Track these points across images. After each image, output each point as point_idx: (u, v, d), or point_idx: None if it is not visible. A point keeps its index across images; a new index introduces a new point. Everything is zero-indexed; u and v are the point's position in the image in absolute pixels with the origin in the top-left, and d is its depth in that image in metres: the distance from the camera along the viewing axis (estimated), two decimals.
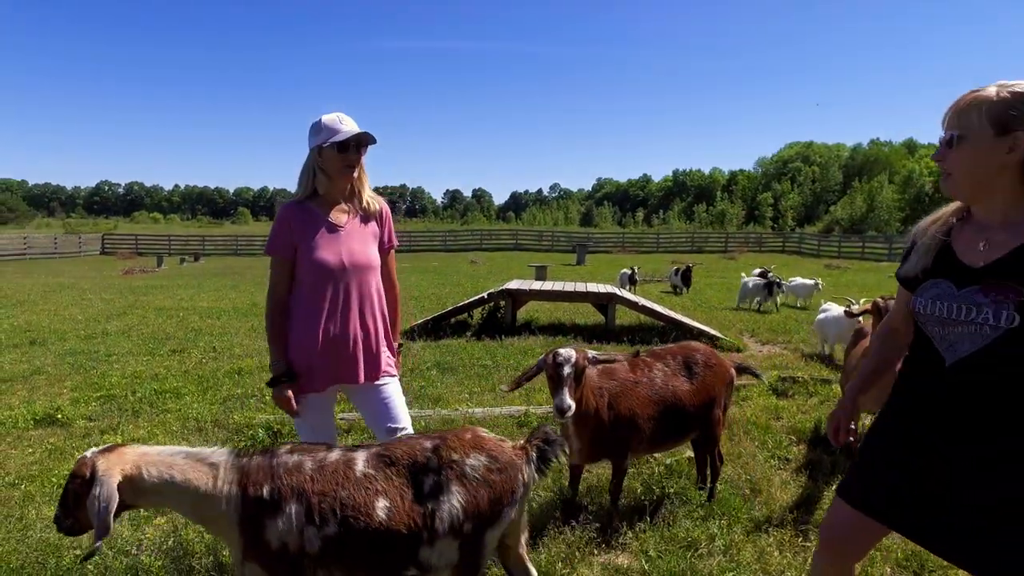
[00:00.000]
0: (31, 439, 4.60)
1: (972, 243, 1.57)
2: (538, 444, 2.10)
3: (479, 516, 1.93)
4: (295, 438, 4.40)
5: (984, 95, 1.50)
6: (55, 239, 39.88)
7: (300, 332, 2.53)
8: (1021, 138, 1.45)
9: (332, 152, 2.46)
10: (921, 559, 2.66)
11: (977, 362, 1.52)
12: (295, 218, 2.55)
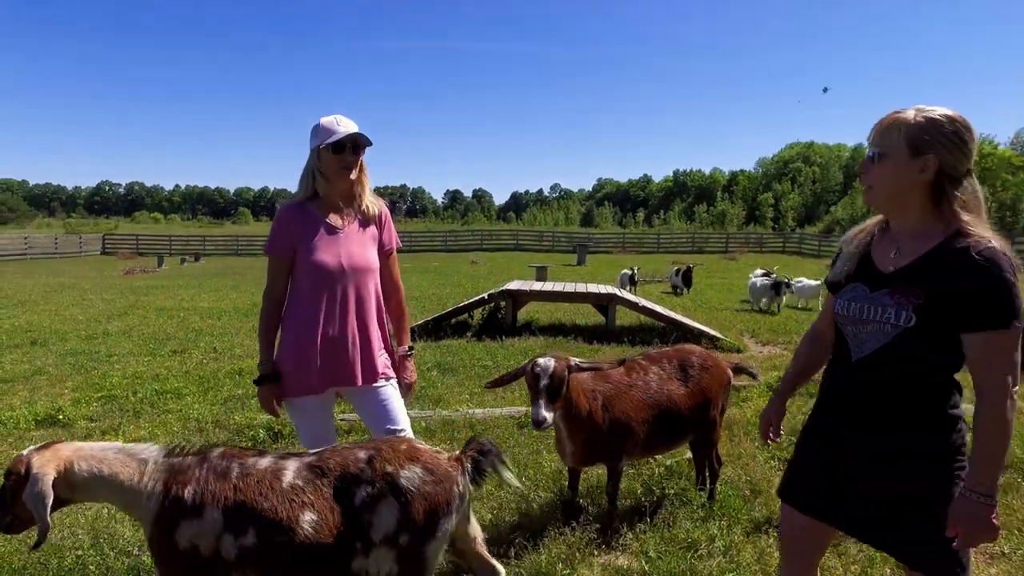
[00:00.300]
0: (33, 439, 4.60)
1: (887, 251, 1.71)
2: (473, 455, 2.10)
3: (415, 528, 1.92)
4: (296, 439, 4.41)
5: (903, 117, 1.63)
6: (56, 239, 39.92)
7: (299, 333, 2.55)
8: (931, 161, 1.59)
9: (328, 154, 2.47)
10: None
11: (879, 359, 1.66)
12: (295, 219, 2.57)
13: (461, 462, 2.08)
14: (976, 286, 1.52)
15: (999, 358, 1.52)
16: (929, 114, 1.61)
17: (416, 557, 1.93)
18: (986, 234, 1.56)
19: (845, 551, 2.81)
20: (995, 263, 1.51)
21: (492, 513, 3.11)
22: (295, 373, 2.57)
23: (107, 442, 2.02)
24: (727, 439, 4.12)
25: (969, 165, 1.63)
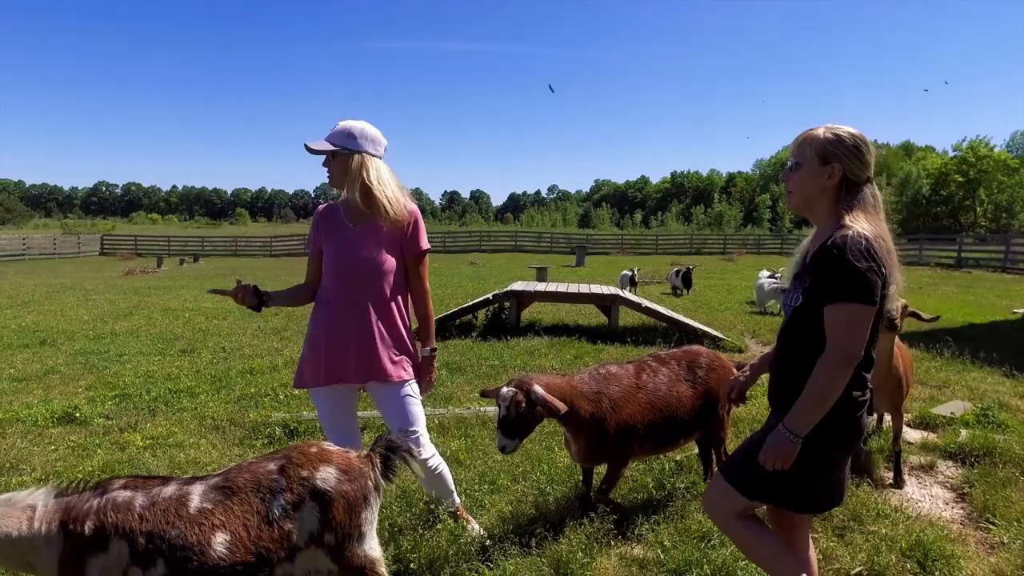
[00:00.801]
0: (51, 437, 4.69)
1: (810, 250, 2.01)
2: (381, 452, 2.18)
3: (339, 525, 1.98)
4: (313, 435, 4.51)
5: (815, 134, 1.99)
6: (54, 239, 39.90)
7: (311, 328, 2.74)
8: (836, 169, 1.94)
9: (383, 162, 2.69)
10: (925, 548, 2.77)
11: (784, 337, 2.06)
12: (323, 219, 2.75)
13: (371, 459, 2.15)
14: (827, 266, 1.85)
15: (836, 328, 1.84)
16: (835, 131, 1.96)
17: (346, 552, 2.01)
18: (857, 226, 1.85)
19: (851, 541, 2.92)
20: (841, 249, 1.81)
21: (511, 506, 3.21)
22: (305, 365, 2.73)
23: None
24: (734, 435, 4.22)
25: (868, 173, 1.98)
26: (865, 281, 1.80)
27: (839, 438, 1.94)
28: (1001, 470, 3.65)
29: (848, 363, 1.82)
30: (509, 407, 2.75)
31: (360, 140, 2.63)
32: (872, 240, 1.83)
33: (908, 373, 3.79)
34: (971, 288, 16.95)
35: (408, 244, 2.74)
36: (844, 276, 1.81)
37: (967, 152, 50.81)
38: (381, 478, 2.15)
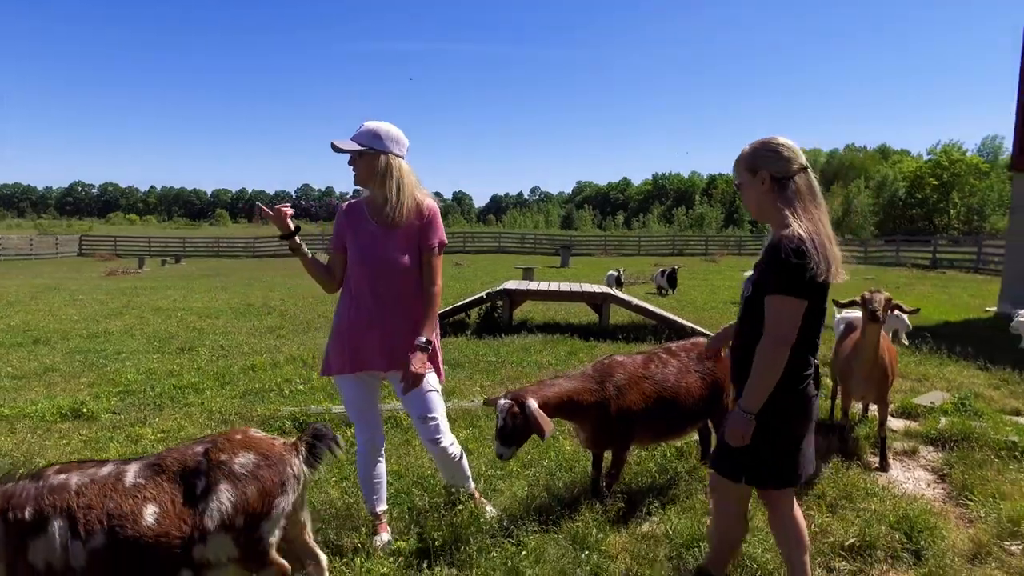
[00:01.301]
0: (61, 431, 4.75)
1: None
2: (308, 440, 2.26)
3: (249, 510, 2.04)
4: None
5: (742, 153, 2.28)
6: (31, 240, 39.22)
7: (336, 319, 2.91)
8: (764, 174, 2.20)
9: (406, 162, 2.82)
10: (911, 521, 2.99)
11: (740, 326, 2.32)
12: (347, 215, 2.91)
13: (296, 447, 2.23)
14: (768, 263, 2.12)
15: (773, 317, 2.10)
16: (753, 144, 2.25)
17: (253, 537, 2.07)
18: (795, 227, 2.10)
19: (843, 516, 3.13)
20: (778, 248, 2.08)
21: (525, 490, 3.37)
22: (331, 354, 2.89)
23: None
24: None
25: (793, 167, 2.19)
26: (797, 277, 2.05)
27: (790, 411, 2.18)
28: (978, 453, 3.90)
29: (782, 346, 2.08)
30: (506, 418, 2.92)
31: (386, 141, 2.78)
32: (806, 240, 2.06)
33: (893, 364, 4.02)
34: (946, 288, 17.45)
35: (424, 238, 2.87)
36: (780, 272, 2.07)
37: (941, 156, 52.05)
38: (305, 466, 2.22)
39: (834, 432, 4.33)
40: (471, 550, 2.65)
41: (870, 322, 3.72)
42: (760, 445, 2.16)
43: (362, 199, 2.93)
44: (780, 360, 2.08)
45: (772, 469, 2.22)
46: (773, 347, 2.08)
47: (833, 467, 3.70)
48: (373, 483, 3.00)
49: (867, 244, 35.64)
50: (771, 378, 2.09)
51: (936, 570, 2.66)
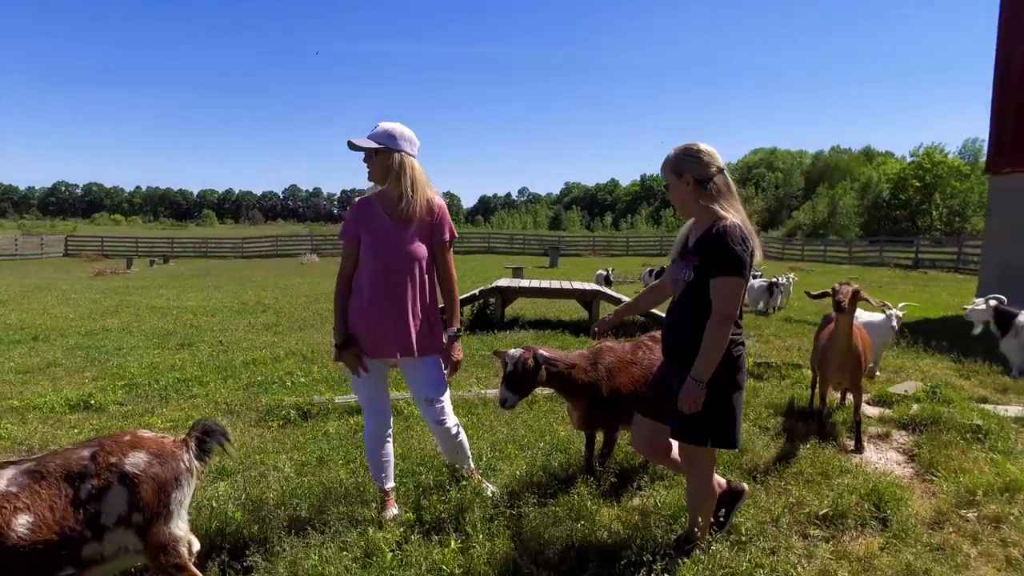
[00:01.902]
0: (71, 422, 4.91)
1: (690, 237, 2.63)
2: (197, 436, 2.36)
3: (147, 506, 2.14)
4: (327, 418, 4.83)
5: (667, 158, 2.61)
6: (16, 240, 38.87)
7: (353, 310, 3.06)
8: (687, 176, 2.54)
9: (416, 159, 3.01)
10: (879, 493, 3.24)
11: (680, 304, 2.62)
12: (362, 211, 3.07)
13: (187, 443, 2.33)
14: (714, 248, 2.43)
15: (720, 296, 2.43)
16: (676, 150, 2.59)
17: (155, 530, 2.17)
18: (728, 217, 2.46)
19: (818, 490, 3.37)
20: (723, 235, 2.42)
21: (522, 470, 3.59)
22: (355, 345, 3.05)
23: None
24: None
25: (712, 170, 2.53)
26: (740, 260, 2.41)
27: (733, 366, 2.53)
28: (945, 435, 4.16)
29: (729, 321, 2.43)
30: (517, 364, 3.14)
31: (400, 140, 2.97)
32: (742, 227, 2.44)
33: (866, 352, 4.28)
34: (927, 287, 17.86)
35: (436, 233, 3.07)
36: (725, 256, 2.41)
37: (923, 158, 52.85)
38: (196, 460, 2.32)
39: (813, 418, 4.59)
40: (475, 519, 2.86)
41: (837, 312, 3.98)
42: (716, 405, 2.48)
43: (374, 195, 3.10)
44: (728, 333, 2.43)
45: (727, 427, 2.54)
46: (723, 323, 2.42)
47: (811, 448, 3.94)
48: (382, 462, 3.19)
49: (851, 244, 36.25)
50: (720, 350, 2.42)
51: (900, 534, 2.91)
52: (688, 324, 2.53)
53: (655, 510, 3.10)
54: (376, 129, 3.00)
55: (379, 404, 3.19)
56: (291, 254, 37.73)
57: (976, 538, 2.94)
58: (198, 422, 2.43)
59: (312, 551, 2.62)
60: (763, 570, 2.54)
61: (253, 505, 3.18)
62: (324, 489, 3.34)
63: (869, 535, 2.96)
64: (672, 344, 2.68)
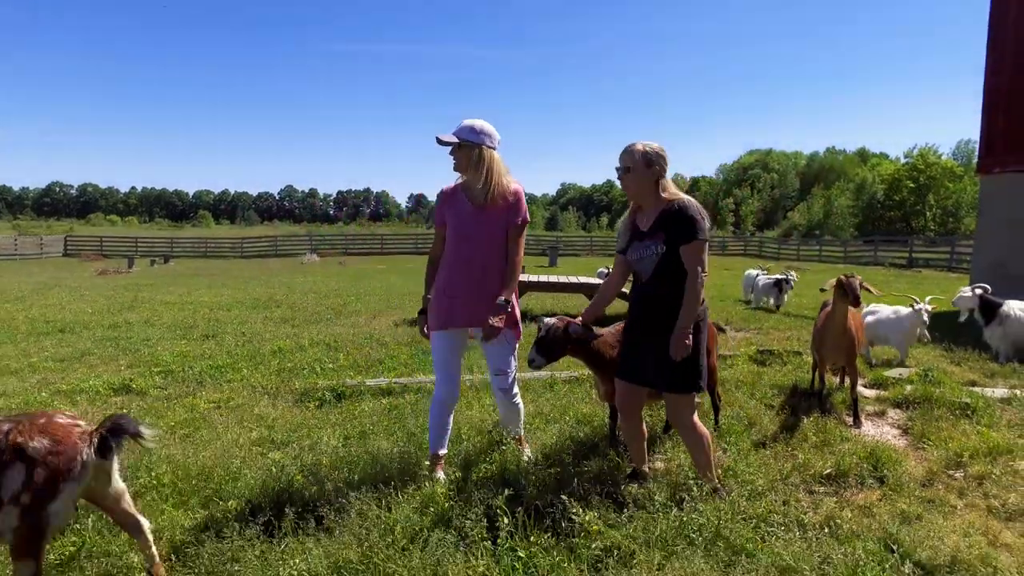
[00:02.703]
0: (117, 404, 5.20)
1: (642, 221, 3.14)
2: (102, 432, 2.42)
3: (37, 489, 2.26)
4: (361, 399, 5.14)
5: (636, 147, 3.07)
6: (15, 240, 39.02)
7: (438, 283, 3.48)
8: (656, 168, 3.06)
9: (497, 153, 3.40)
10: (877, 456, 3.59)
11: (655, 277, 3.05)
12: (448, 199, 3.49)
13: (91, 437, 2.40)
14: (680, 221, 2.96)
15: (692, 257, 2.94)
16: (650, 145, 3.07)
17: (36, 514, 2.28)
18: (682, 197, 3.06)
19: (822, 454, 3.71)
20: (685, 208, 2.98)
21: (554, 439, 3.93)
22: (430, 314, 3.49)
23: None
24: (724, 390, 5.02)
25: (667, 166, 3.10)
26: (703, 226, 2.97)
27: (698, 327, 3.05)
28: (935, 411, 4.52)
29: (702, 277, 2.95)
30: (549, 331, 3.45)
31: (480, 135, 3.34)
32: (697, 203, 3.04)
33: (859, 333, 4.64)
34: (920, 285, 18.25)
35: (511, 217, 3.41)
36: (691, 225, 2.95)
37: (917, 159, 53.38)
38: (95, 455, 2.39)
39: (814, 397, 4.94)
40: (517, 474, 3.20)
41: (854, 305, 4.34)
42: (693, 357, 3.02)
43: (459, 184, 3.49)
44: (702, 288, 2.97)
45: (695, 375, 3.07)
46: (700, 282, 2.95)
47: (814, 421, 4.28)
48: (442, 429, 3.55)
49: (847, 244, 36.84)
50: (698, 301, 2.95)
51: (896, 488, 3.27)
52: (663, 292, 3.02)
53: (680, 469, 3.42)
54: (460, 125, 3.39)
55: (451, 373, 3.56)
56: (291, 254, 37.97)
57: (962, 492, 3.30)
58: (110, 417, 2.49)
59: (375, 501, 2.94)
60: (778, 515, 2.89)
61: (309, 470, 3.50)
62: (371, 456, 3.65)
63: (868, 490, 3.32)
64: (645, 313, 3.12)
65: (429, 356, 6.66)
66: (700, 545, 2.55)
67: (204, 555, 2.65)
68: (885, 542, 2.68)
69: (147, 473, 3.46)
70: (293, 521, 2.85)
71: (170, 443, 4.08)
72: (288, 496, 3.19)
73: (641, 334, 3.15)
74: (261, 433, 4.33)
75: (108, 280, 20.06)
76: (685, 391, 3.07)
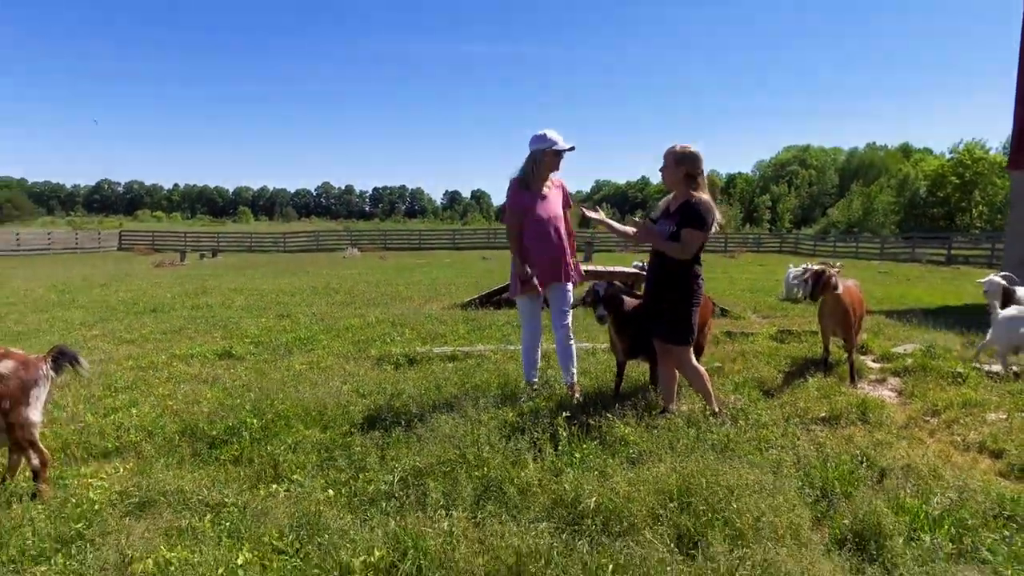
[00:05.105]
0: (223, 366, 6.16)
1: (672, 205, 4.02)
2: (54, 355, 3.33)
3: (14, 397, 3.12)
4: (431, 363, 6.00)
5: (672, 149, 3.94)
6: (76, 235, 41.37)
7: (530, 255, 4.52)
8: (682, 169, 3.89)
9: (552, 155, 4.39)
10: (866, 404, 4.31)
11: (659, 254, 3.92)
12: (518, 187, 4.56)
13: (45, 359, 3.30)
14: (690, 213, 3.81)
15: (685, 238, 3.80)
16: (684, 147, 3.92)
17: (17, 415, 3.14)
18: (701, 196, 3.84)
19: (820, 403, 4.44)
20: (697, 205, 3.81)
21: (595, 387, 4.75)
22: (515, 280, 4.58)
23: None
24: (744, 361, 5.79)
25: (699, 170, 3.92)
26: (704, 219, 3.80)
27: (692, 293, 3.92)
28: (928, 377, 5.21)
29: (683, 252, 3.81)
30: (607, 290, 4.40)
31: (531, 142, 4.45)
32: (710, 203, 3.83)
33: (855, 307, 5.33)
34: (955, 280, 18.54)
35: (565, 201, 4.69)
36: (695, 216, 3.80)
37: (963, 154, 51.92)
38: (52, 371, 3.30)
39: (820, 362, 5.66)
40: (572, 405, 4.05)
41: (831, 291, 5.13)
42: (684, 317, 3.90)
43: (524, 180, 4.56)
44: (678, 256, 3.83)
45: (691, 330, 3.97)
46: (679, 249, 3.82)
47: (817, 380, 5.02)
48: (533, 361, 4.74)
49: (884, 241, 36.58)
50: (668, 251, 3.84)
51: (877, 426, 4.03)
52: (668, 265, 3.90)
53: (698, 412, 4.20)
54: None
55: (536, 320, 4.73)
56: (331, 249, 39.41)
57: (933, 432, 4.04)
58: (55, 346, 3.42)
59: (462, 423, 3.81)
60: (775, 438, 3.66)
61: (403, 406, 4.39)
62: (446, 402, 4.51)
63: (855, 429, 4.06)
64: (655, 279, 4.07)
65: (485, 331, 7.61)
66: (713, 451, 3.35)
67: (338, 457, 3.55)
68: (857, 457, 3.43)
69: (273, 408, 4.38)
70: (399, 436, 3.74)
71: (288, 386, 5.03)
72: (391, 420, 4.09)
73: (652, 299, 4.07)
74: (352, 386, 5.24)
75: (167, 271, 21.55)
76: (677, 343, 3.98)
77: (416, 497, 3.00)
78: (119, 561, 2.46)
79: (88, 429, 4.08)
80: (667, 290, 3.95)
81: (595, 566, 2.33)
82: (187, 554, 2.51)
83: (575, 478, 3.01)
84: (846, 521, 2.69)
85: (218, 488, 3.17)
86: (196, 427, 4.07)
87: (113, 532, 2.72)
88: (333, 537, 2.60)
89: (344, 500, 3.06)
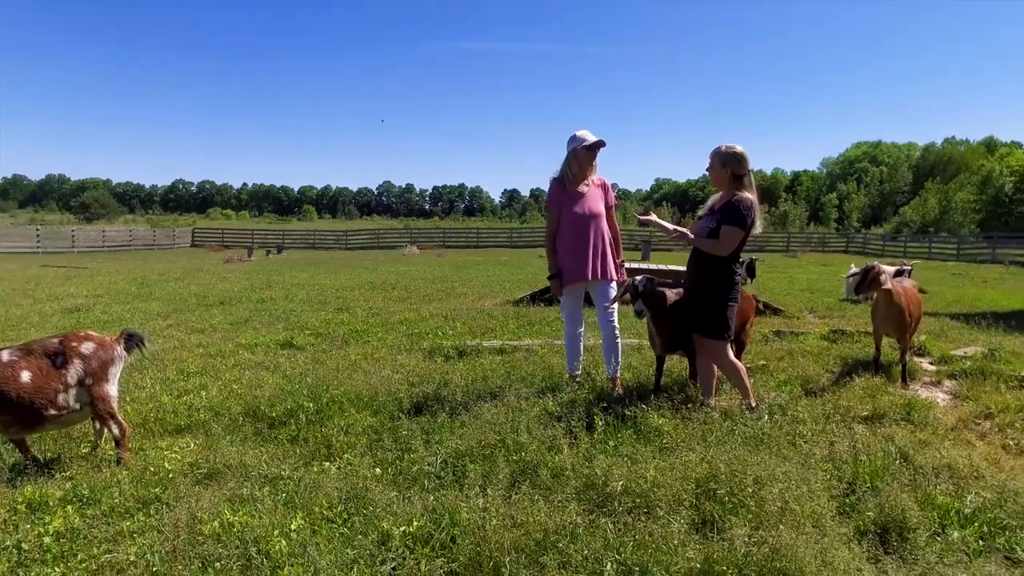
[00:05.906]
0: (285, 355, 6.55)
1: (717, 203, 4.12)
2: (124, 338, 3.66)
3: (95, 374, 3.45)
4: (480, 356, 6.20)
5: (719, 150, 4.07)
6: (154, 232, 43.94)
7: (564, 252, 4.66)
8: (728, 169, 4.04)
9: (584, 151, 4.48)
10: (911, 405, 4.24)
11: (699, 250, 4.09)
12: (557, 185, 4.69)
13: (119, 340, 3.64)
14: (731, 210, 3.92)
15: (724, 234, 3.93)
16: (729, 148, 4.04)
17: (99, 390, 3.46)
18: (744, 195, 3.95)
19: (864, 403, 4.39)
20: (736, 204, 3.92)
21: (636, 382, 4.84)
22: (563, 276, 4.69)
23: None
24: (792, 359, 5.75)
25: (745, 170, 4.03)
26: (744, 218, 3.91)
27: (731, 287, 4.04)
28: (987, 381, 5.04)
29: (720, 249, 3.95)
30: (647, 285, 4.41)
31: (568, 143, 4.55)
32: (751, 202, 3.92)
33: (911, 308, 5.19)
34: None
35: (607, 198, 4.76)
36: (735, 214, 3.90)
37: None
38: (124, 351, 3.65)
39: (870, 363, 5.55)
40: (610, 401, 4.16)
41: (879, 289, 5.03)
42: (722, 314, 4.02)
43: (562, 179, 4.70)
44: (714, 252, 3.97)
45: (728, 326, 4.09)
46: (716, 246, 3.96)
47: (865, 380, 4.94)
48: (577, 354, 4.86)
49: (961, 241, 34.65)
50: (709, 249, 3.99)
51: (921, 426, 3.96)
52: (706, 259, 4.03)
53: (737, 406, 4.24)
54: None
55: (578, 314, 4.84)
56: (391, 246, 40.41)
57: (983, 435, 3.94)
58: (125, 330, 3.76)
59: (503, 411, 3.98)
60: (810, 434, 3.67)
61: (449, 394, 4.60)
62: (490, 392, 4.69)
63: (897, 427, 4.01)
64: (695, 273, 4.17)
65: (535, 326, 7.77)
66: (745, 444, 3.40)
67: (386, 439, 3.79)
68: (892, 454, 3.41)
69: (328, 393, 4.65)
70: (444, 421, 3.94)
71: (343, 374, 5.33)
72: (437, 406, 4.31)
73: (690, 293, 4.23)
74: (402, 376, 5.49)
75: (235, 267, 22.59)
76: (713, 336, 4.08)
77: (455, 477, 3.21)
78: (190, 521, 2.75)
79: (163, 408, 4.46)
80: (705, 285, 4.08)
81: (617, 543, 2.46)
82: (247, 518, 2.77)
83: (606, 463, 3.14)
84: (870, 514, 2.71)
85: (276, 463, 3.46)
86: (258, 409, 4.39)
87: (185, 497, 3.04)
88: (377, 509, 2.82)
89: (389, 478, 3.29)
